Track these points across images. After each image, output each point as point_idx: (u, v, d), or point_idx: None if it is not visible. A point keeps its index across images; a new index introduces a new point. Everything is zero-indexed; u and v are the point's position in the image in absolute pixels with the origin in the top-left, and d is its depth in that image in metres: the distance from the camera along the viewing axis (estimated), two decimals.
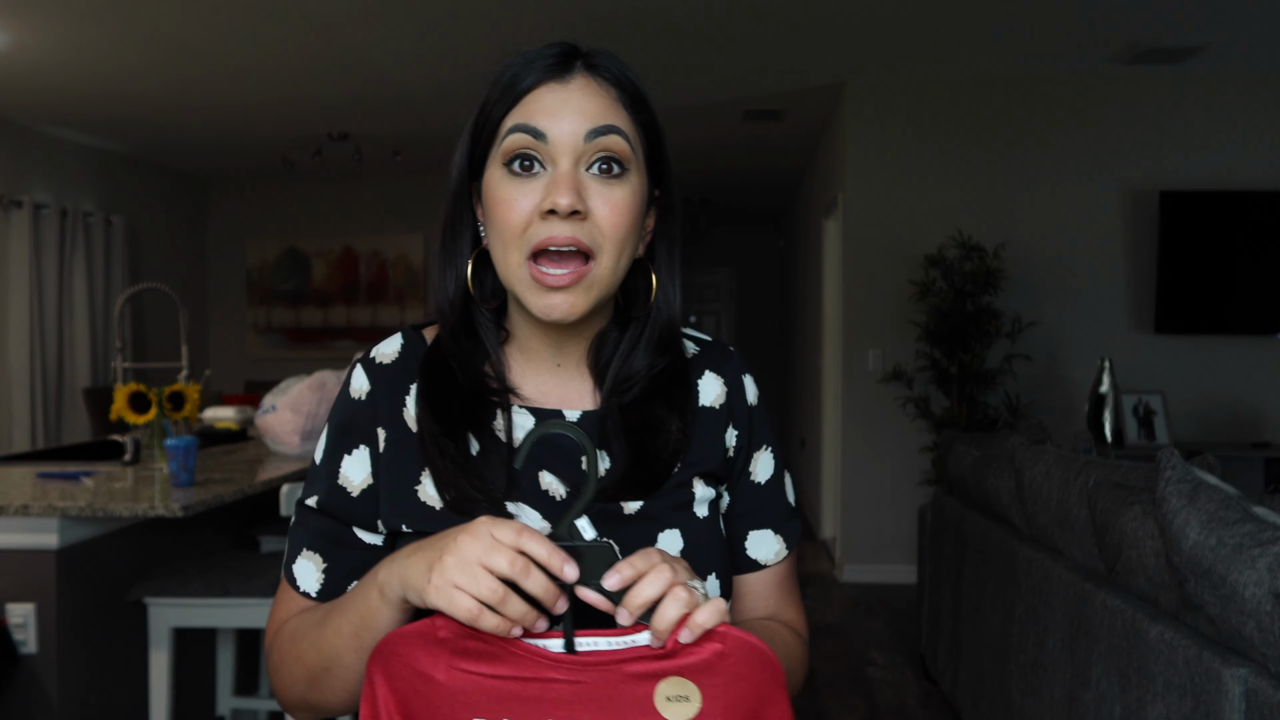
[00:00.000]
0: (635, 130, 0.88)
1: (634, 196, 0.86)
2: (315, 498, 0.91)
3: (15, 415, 5.92)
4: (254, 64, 4.83)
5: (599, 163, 0.85)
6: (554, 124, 0.85)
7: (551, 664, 0.73)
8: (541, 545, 0.72)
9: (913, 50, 4.66)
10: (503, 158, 0.86)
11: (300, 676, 0.86)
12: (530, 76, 0.87)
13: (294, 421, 3.14)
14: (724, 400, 0.96)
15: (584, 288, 0.85)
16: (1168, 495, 1.71)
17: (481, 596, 0.71)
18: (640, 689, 0.73)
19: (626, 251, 0.87)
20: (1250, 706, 1.48)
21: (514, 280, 0.86)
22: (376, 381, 0.92)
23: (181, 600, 2.46)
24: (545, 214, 0.83)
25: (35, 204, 6.02)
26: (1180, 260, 4.93)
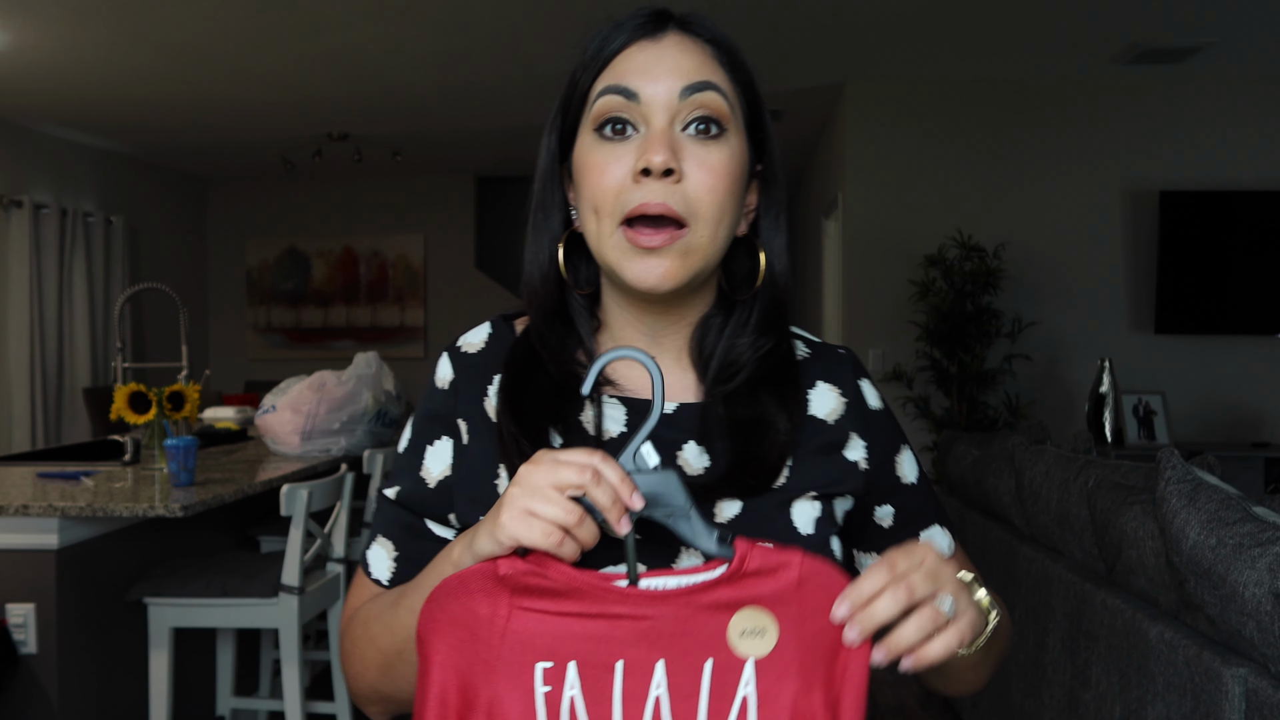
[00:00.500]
0: (734, 89, 0.83)
1: (733, 160, 0.81)
2: (395, 489, 0.89)
3: (15, 415, 5.92)
4: (254, 64, 4.83)
5: (696, 122, 0.80)
6: (646, 83, 0.79)
7: (619, 598, 0.68)
8: (612, 467, 0.69)
9: (913, 50, 4.66)
10: (593, 123, 0.81)
11: (373, 662, 0.83)
12: (619, 38, 0.82)
13: (294, 421, 3.14)
14: (842, 414, 0.87)
15: (679, 252, 0.79)
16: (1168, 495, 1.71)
17: (558, 519, 0.67)
18: (714, 621, 0.68)
19: (726, 222, 0.81)
20: (1250, 706, 1.48)
21: (607, 249, 0.80)
22: (460, 370, 0.88)
23: (181, 600, 2.46)
24: (638, 175, 0.78)
25: (35, 204, 6.02)
26: (1180, 260, 4.93)
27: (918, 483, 0.91)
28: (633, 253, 0.79)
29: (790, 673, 0.67)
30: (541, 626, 0.68)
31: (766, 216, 0.87)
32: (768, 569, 0.69)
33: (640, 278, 0.79)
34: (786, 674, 0.67)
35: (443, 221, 7.96)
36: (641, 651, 0.67)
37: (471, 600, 0.69)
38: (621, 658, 0.67)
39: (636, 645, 0.68)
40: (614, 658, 0.67)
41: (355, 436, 3.23)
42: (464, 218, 7.95)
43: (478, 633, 0.68)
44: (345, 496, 2.72)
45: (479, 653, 0.68)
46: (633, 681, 0.67)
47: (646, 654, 0.67)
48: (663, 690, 0.67)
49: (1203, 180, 5.01)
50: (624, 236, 0.79)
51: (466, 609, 0.69)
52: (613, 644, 0.68)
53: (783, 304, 0.86)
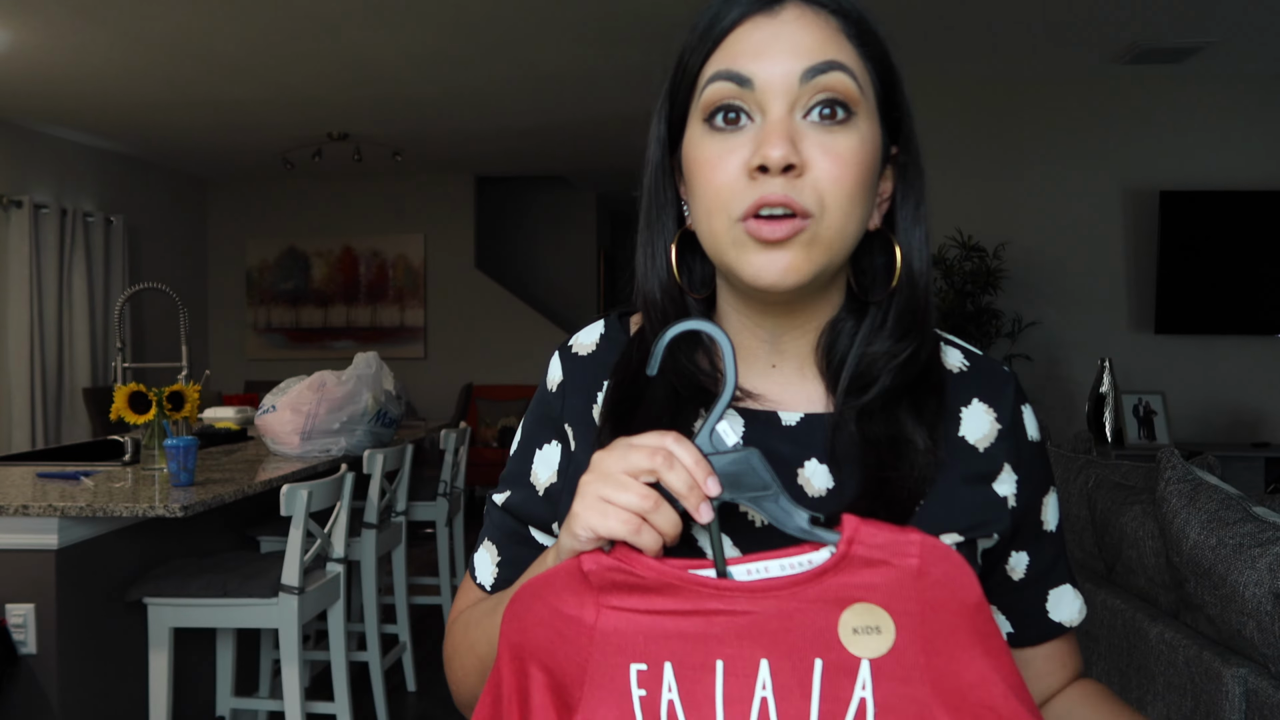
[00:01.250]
0: (863, 67, 0.73)
1: (863, 147, 0.71)
2: (502, 495, 0.85)
3: (15, 415, 5.92)
4: (254, 64, 4.83)
5: (819, 107, 0.70)
6: (761, 65, 0.70)
7: (715, 592, 0.62)
8: (686, 449, 0.63)
9: (913, 50, 4.66)
10: (703, 113, 0.73)
11: (473, 668, 0.79)
12: (732, 12, 0.72)
13: (294, 421, 3.14)
14: (994, 441, 0.78)
15: (803, 244, 0.69)
16: (1168, 495, 1.71)
17: (632, 505, 0.62)
18: (822, 618, 0.61)
19: (856, 214, 0.71)
20: (1250, 706, 1.48)
21: (724, 246, 0.72)
22: (570, 373, 0.83)
23: (181, 600, 2.46)
24: (754, 171, 0.69)
25: (35, 204, 6.02)
26: (1180, 260, 4.93)
27: (1056, 532, 0.82)
28: (752, 246, 0.70)
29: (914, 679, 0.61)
30: (632, 626, 0.63)
31: (904, 207, 0.78)
32: (881, 555, 0.62)
33: (760, 273, 0.70)
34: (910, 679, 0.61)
35: (443, 221, 7.96)
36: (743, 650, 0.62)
37: (557, 600, 0.64)
38: (720, 657, 0.62)
39: (737, 643, 0.62)
40: (712, 657, 0.62)
41: (355, 436, 3.23)
42: (464, 218, 7.95)
43: (566, 634, 0.64)
44: (345, 496, 2.72)
45: (570, 655, 0.64)
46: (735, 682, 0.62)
47: (748, 652, 0.62)
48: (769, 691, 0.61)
49: (1203, 180, 5.01)
50: (743, 230, 0.70)
51: (552, 609, 0.64)
52: (710, 642, 0.62)
53: (925, 306, 0.77)
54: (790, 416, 0.77)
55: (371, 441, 3.29)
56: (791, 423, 0.76)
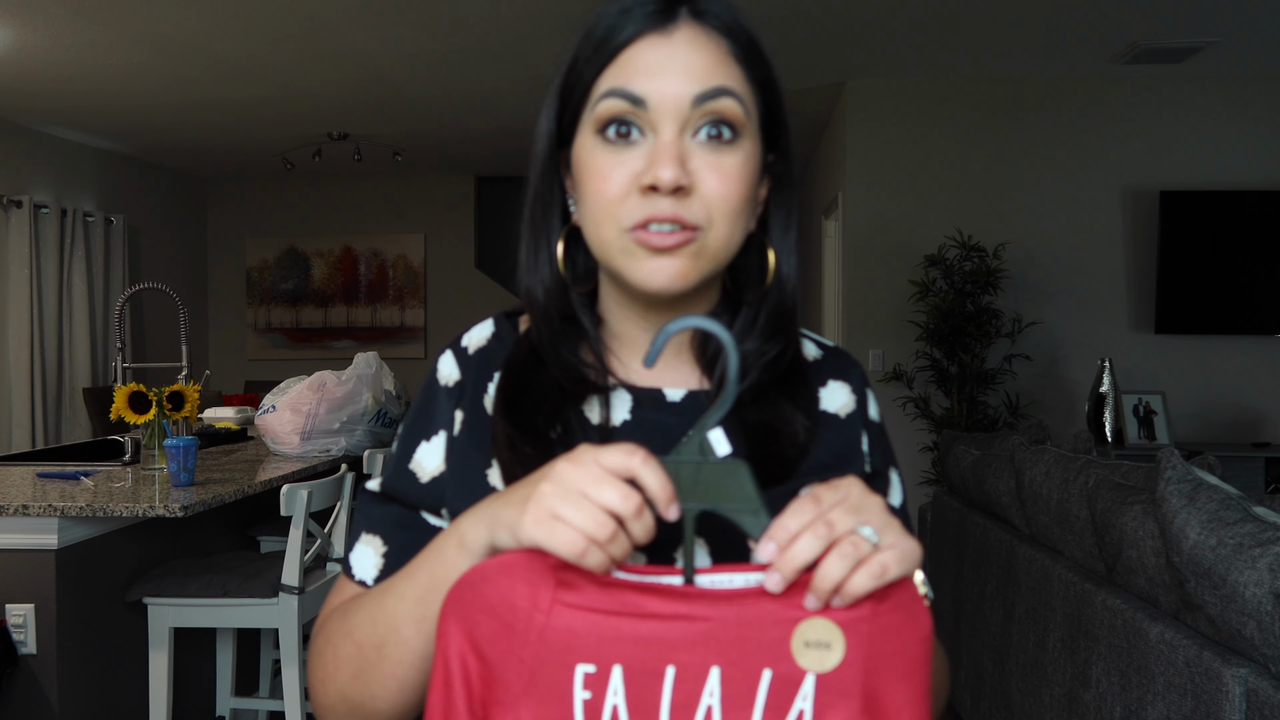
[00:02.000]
0: (750, 89, 0.77)
1: (747, 164, 0.76)
2: (379, 481, 0.85)
3: (15, 415, 5.92)
4: (254, 64, 4.83)
5: (708, 127, 0.74)
6: (655, 86, 0.74)
7: (678, 597, 0.62)
8: (655, 475, 0.62)
9: (913, 50, 4.66)
10: (595, 124, 0.76)
11: (346, 660, 0.75)
12: (628, 28, 0.75)
13: (294, 421, 3.14)
14: (852, 409, 0.86)
15: (692, 254, 0.74)
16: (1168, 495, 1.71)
17: (587, 531, 0.60)
18: (779, 629, 0.62)
19: (740, 225, 0.76)
20: (1250, 706, 1.48)
21: (612, 253, 0.76)
22: (465, 370, 0.85)
23: (181, 600, 2.46)
24: (645, 189, 0.73)
25: (35, 204, 6.02)
26: (1180, 260, 4.93)
27: (900, 511, 0.87)
28: (641, 254, 0.74)
29: (852, 693, 0.62)
30: (586, 625, 0.62)
31: (777, 213, 0.83)
32: None
33: (649, 278, 0.74)
34: (848, 694, 0.62)
35: (443, 221, 7.96)
36: (696, 656, 0.62)
37: (512, 587, 0.62)
38: (673, 663, 0.62)
39: (691, 649, 0.62)
40: (664, 663, 0.62)
41: (355, 436, 3.23)
42: (464, 218, 7.95)
43: (514, 626, 0.62)
44: (345, 496, 2.72)
45: (513, 648, 0.62)
46: (683, 689, 0.62)
47: (701, 659, 0.62)
48: (715, 699, 0.62)
49: (1203, 180, 5.01)
50: (632, 240, 0.74)
51: (504, 597, 0.62)
52: (665, 648, 0.62)
53: (792, 306, 0.82)
54: (674, 393, 0.82)
55: (371, 441, 3.29)
56: (676, 399, 0.82)
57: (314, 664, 0.78)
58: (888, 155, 5.15)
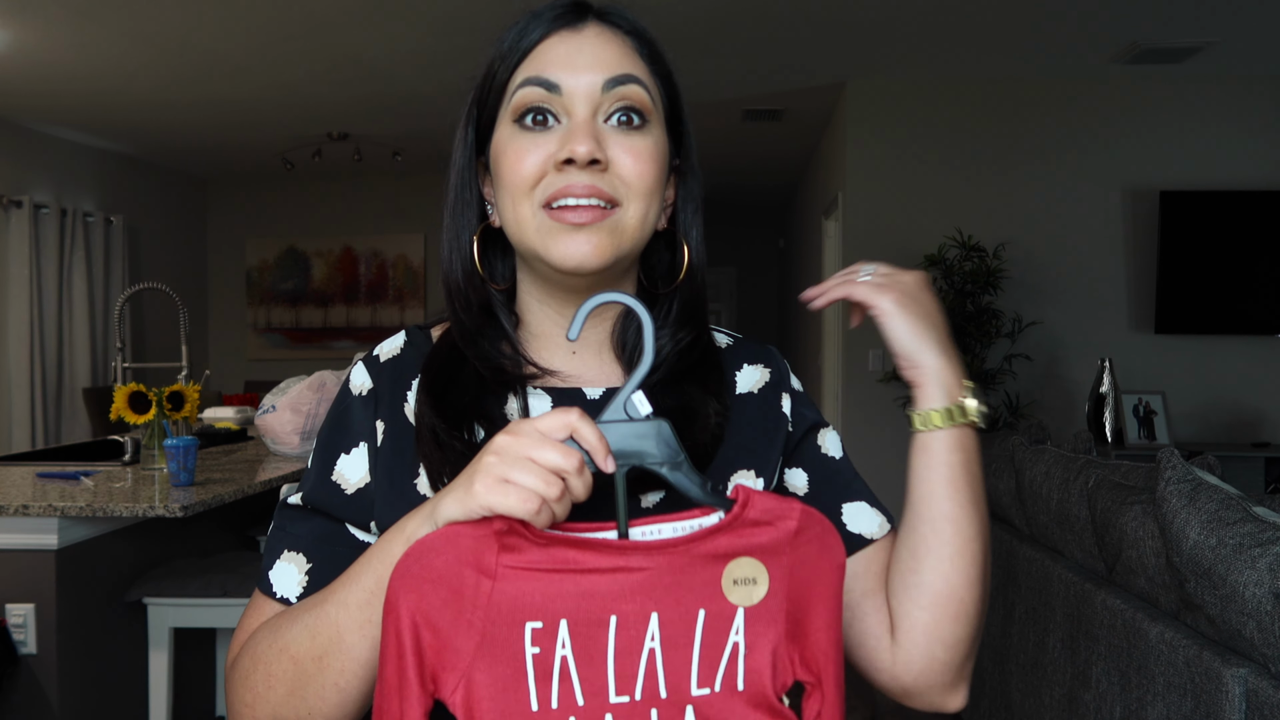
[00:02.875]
0: (654, 83, 0.82)
1: (657, 147, 0.80)
2: (300, 494, 0.83)
3: (15, 415, 5.92)
4: (254, 64, 4.83)
5: (619, 113, 0.79)
6: (568, 74, 0.78)
7: (616, 551, 0.66)
8: (592, 430, 0.66)
9: (913, 50, 4.66)
10: (513, 114, 0.80)
11: (280, 676, 0.72)
12: (539, 29, 0.80)
13: (294, 421, 3.14)
14: (767, 382, 0.89)
15: (608, 229, 0.77)
16: (1168, 495, 1.71)
17: (538, 489, 0.63)
18: (709, 571, 0.67)
19: (653, 207, 0.80)
20: (1250, 706, 1.48)
21: (528, 233, 0.79)
22: (378, 378, 0.85)
23: (181, 600, 2.46)
24: (561, 165, 0.77)
25: (35, 204, 6.02)
26: (1180, 260, 4.93)
27: (842, 459, 0.90)
28: (558, 230, 0.77)
29: (777, 619, 0.68)
30: (532, 585, 0.65)
31: (685, 210, 0.87)
32: (767, 518, 0.69)
33: (567, 255, 0.77)
34: (774, 621, 0.68)
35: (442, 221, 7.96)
36: (636, 604, 0.66)
37: (458, 555, 0.65)
38: (615, 612, 0.66)
39: (631, 598, 0.66)
40: (607, 613, 0.66)
41: None
42: None
43: (462, 592, 0.64)
44: None
45: (463, 613, 0.64)
46: (625, 635, 0.66)
47: (640, 606, 0.66)
48: (656, 642, 0.66)
49: (1203, 180, 5.01)
50: (547, 217, 0.77)
51: (451, 566, 0.64)
52: (607, 599, 0.66)
53: (701, 298, 0.87)
54: (593, 391, 0.84)
55: None
56: (595, 396, 0.84)
57: (239, 688, 0.75)
58: (888, 155, 5.15)
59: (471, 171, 0.86)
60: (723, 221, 9.91)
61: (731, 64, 4.84)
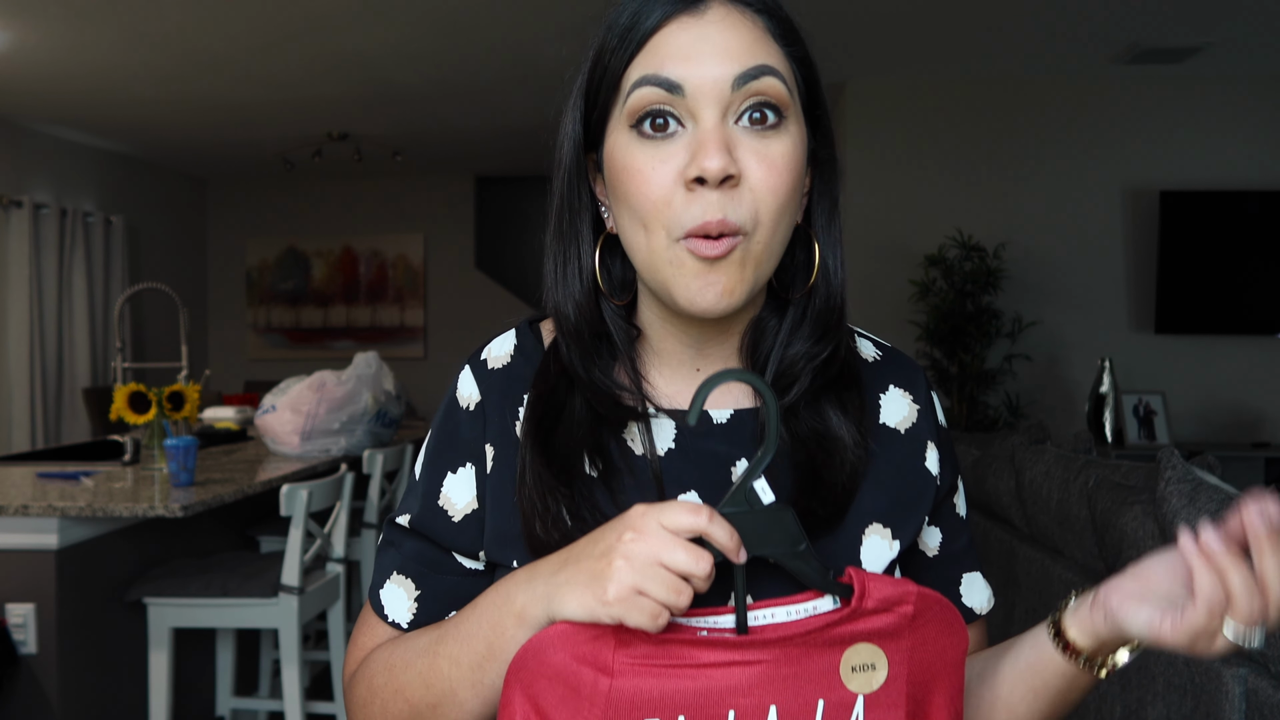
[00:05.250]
0: (790, 69, 0.72)
1: (795, 151, 0.70)
2: (408, 516, 0.79)
3: (15, 415, 5.92)
4: (254, 64, 4.83)
5: (751, 111, 0.68)
6: (691, 70, 0.68)
7: (732, 645, 0.65)
8: (722, 528, 0.62)
9: (913, 50, 4.66)
10: (629, 119, 0.70)
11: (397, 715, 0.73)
12: (655, 11, 0.69)
13: (294, 421, 3.14)
14: (914, 423, 0.80)
15: (737, 263, 0.68)
16: (1168, 495, 1.71)
17: (667, 601, 0.61)
18: (826, 659, 0.66)
19: (785, 221, 0.70)
20: (1250, 706, 1.48)
21: (659, 263, 0.70)
22: (487, 390, 0.78)
23: (181, 600, 2.46)
24: (691, 184, 0.67)
25: (35, 204, 6.01)
26: (1180, 260, 4.93)
27: (966, 520, 0.84)
28: (689, 267, 0.68)
29: (898, 704, 0.67)
30: (649, 682, 0.64)
31: (821, 204, 0.76)
32: (884, 606, 0.67)
33: (694, 300, 0.69)
34: (894, 706, 0.67)
35: (443, 221, 7.96)
36: (754, 698, 0.65)
37: (576, 653, 0.64)
38: (733, 707, 0.65)
39: (749, 692, 0.65)
40: (725, 708, 0.65)
41: (355, 436, 3.23)
42: (464, 218, 7.95)
43: (580, 690, 0.64)
44: (345, 496, 2.72)
45: (580, 711, 0.64)
46: None
47: (759, 700, 0.65)
48: None
49: (1203, 180, 5.01)
50: (683, 249, 0.68)
51: (568, 664, 0.64)
52: (724, 694, 0.65)
53: (840, 303, 0.76)
54: (720, 414, 0.76)
55: (371, 441, 3.28)
56: (723, 420, 0.76)
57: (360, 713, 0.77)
58: (888, 155, 5.15)
59: (582, 172, 0.75)
60: None
61: None
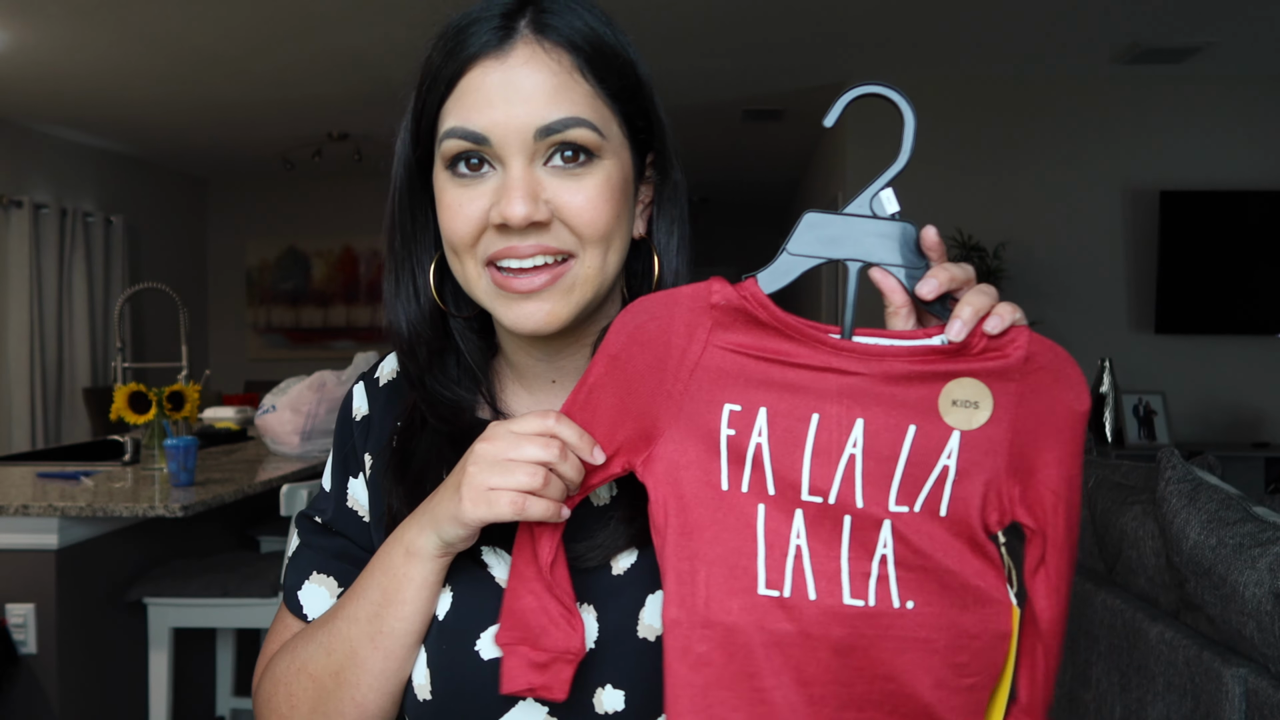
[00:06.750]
0: (602, 106, 0.70)
1: (611, 182, 0.70)
2: (323, 516, 0.81)
3: (15, 415, 5.92)
4: (254, 64, 4.83)
5: (560, 151, 0.69)
6: (496, 119, 0.68)
7: (830, 350, 0.63)
8: (570, 429, 0.64)
9: (913, 50, 4.66)
10: (444, 161, 0.71)
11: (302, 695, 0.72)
12: (464, 50, 0.70)
13: (294, 421, 3.14)
14: None
15: (563, 290, 0.70)
16: (1168, 495, 1.71)
17: (521, 486, 0.63)
18: (925, 389, 0.63)
19: (616, 244, 0.71)
20: (1250, 706, 1.48)
21: (477, 290, 0.72)
22: (374, 403, 0.82)
23: (181, 600, 2.46)
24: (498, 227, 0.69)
25: (35, 204, 6.01)
26: (1180, 260, 4.93)
27: None
28: (506, 297, 0.70)
29: (997, 450, 0.63)
30: (736, 366, 0.64)
31: (661, 217, 0.77)
32: (994, 348, 0.63)
33: (518, 324, 0.70)
34: (993, 451, 0.63)
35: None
36: (841, 408, 0.63)
37: (670, 323, 0.64)
38: (818, 411, 0.63)
39: (837, 400, 0.63)
40: (810, 410, 0.63)
41: None
42: None
43: (667, 362, 0.64)
44: None
45: (663, 383, 0.64)
46: (826, 436, 0.63)
47: (846, 411, 0.63)
48: (858, 450, 0.63)
49: (1203, 180, 5.00)
50: (493, 279, 0.70)
51: (662, 332, 0.64)
52: (811, 396, 0.63)
53: None
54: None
55: None
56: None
57: (265, 710, 0.75)
58: (888, 155, 5.11)
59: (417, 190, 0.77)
60: (723, 221, 9.91)
61: (731, 64, 4.84)
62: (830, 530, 0.63)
